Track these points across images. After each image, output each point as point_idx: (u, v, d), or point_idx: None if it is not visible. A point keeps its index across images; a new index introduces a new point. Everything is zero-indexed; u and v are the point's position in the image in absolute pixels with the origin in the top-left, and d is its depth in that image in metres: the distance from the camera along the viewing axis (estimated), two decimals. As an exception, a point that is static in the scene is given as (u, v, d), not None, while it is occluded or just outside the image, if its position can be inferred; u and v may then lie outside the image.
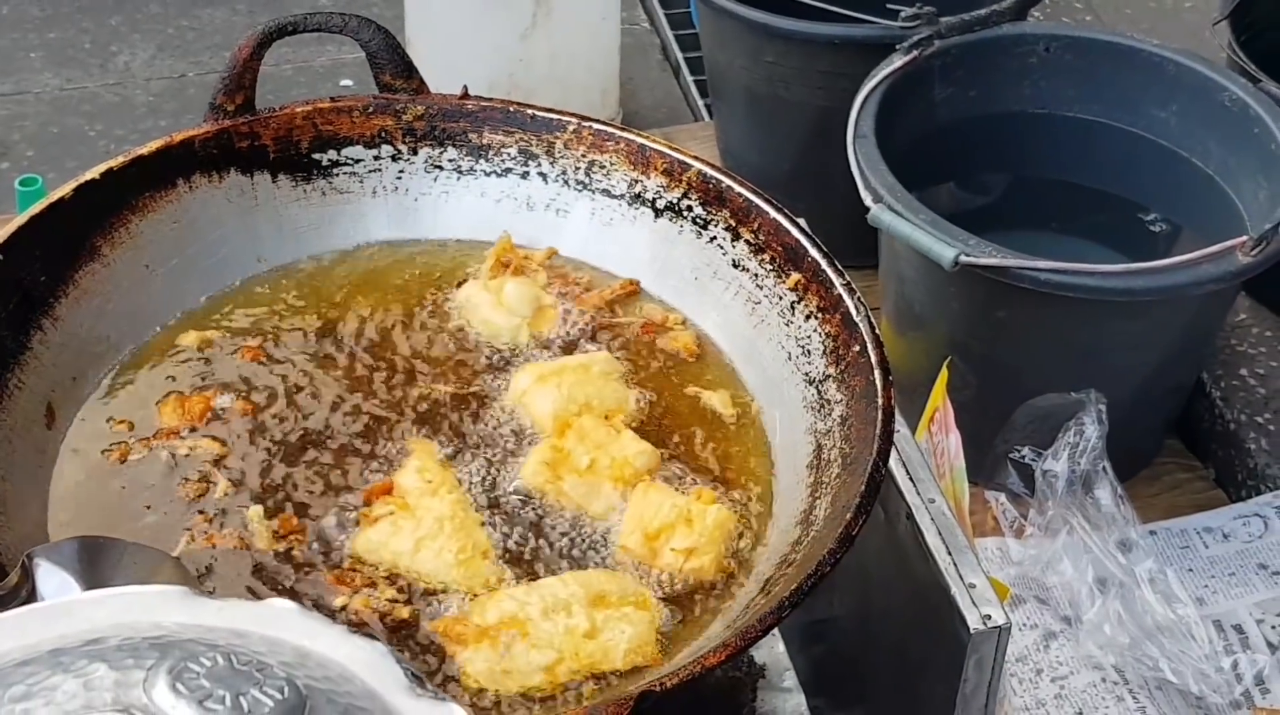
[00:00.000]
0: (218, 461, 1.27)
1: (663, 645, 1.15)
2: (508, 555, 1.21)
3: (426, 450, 1.27)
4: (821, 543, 1.13)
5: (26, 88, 2.86)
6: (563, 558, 1.21)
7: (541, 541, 1.22)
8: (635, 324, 1.39)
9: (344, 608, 1.16)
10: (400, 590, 1.18)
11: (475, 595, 1.17)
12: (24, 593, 0.81)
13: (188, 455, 1.27)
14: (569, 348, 1.37)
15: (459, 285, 1.42)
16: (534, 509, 1.24)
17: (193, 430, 1.29)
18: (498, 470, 1.27)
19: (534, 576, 1.19)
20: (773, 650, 1.45)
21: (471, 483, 1.26)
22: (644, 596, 1.17)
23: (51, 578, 0.82)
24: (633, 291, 1.41)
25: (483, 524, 1.22)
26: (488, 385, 1.34)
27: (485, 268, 1.41)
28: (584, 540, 1.23)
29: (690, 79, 2.97)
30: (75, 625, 0.55)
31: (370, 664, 0.55)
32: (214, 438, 1.29)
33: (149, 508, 1.23)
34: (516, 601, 1.15)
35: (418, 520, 1.20)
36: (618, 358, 1.36)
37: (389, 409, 1.32)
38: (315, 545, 1.21)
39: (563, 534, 1.23)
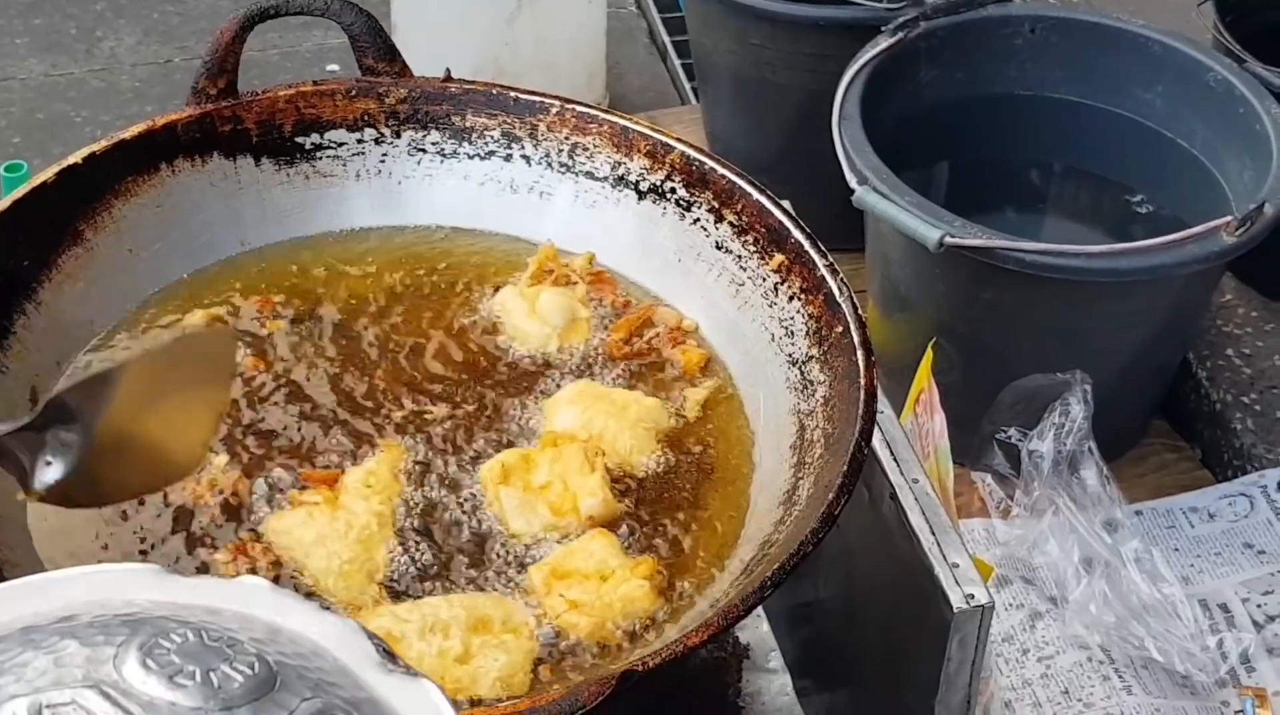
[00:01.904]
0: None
1: (553, 673, 1.13)
2: (404, 579, 1.19)
3: (392, 455, 1.27)
4: (804, 522, 1.14)
5: (11, 74, 2.85)
6: (465, 573, 1.19)
7: (457, 558, 1.21)
8: (661, 333, 1.38)
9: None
10: (279, 581, 1.17)
11: (350, 609, 1.16)
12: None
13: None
14: (586, 364, 1.36)
15: (496, 290, 1.41)
16: (470, 527, 1.23)
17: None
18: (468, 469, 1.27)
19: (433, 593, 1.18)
20: (758, 630, 1.45)
21: (421, 499, 1.24)
22: (526, 626, 1.15)
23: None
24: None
25: (399, 544, 1.20)
26: (502, 393, 1.33)
27: (526, 275, 1.40)
28: (502, 559, 1.21)
29: (678, 62, 2.97)
30: (49, 603, 0.55)
31: (342, 640, 0.55)
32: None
33: None
34: (395, 618, 1.14)
35: (332, 518, 1.20)
36: (662, 402, 1.32)
37: (386, 405, 1.32)
38: (243, 509, 1.22)
39: (489, 550, 1.21)
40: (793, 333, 1.31)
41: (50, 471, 0.98)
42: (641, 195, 1.42)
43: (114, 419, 1.00)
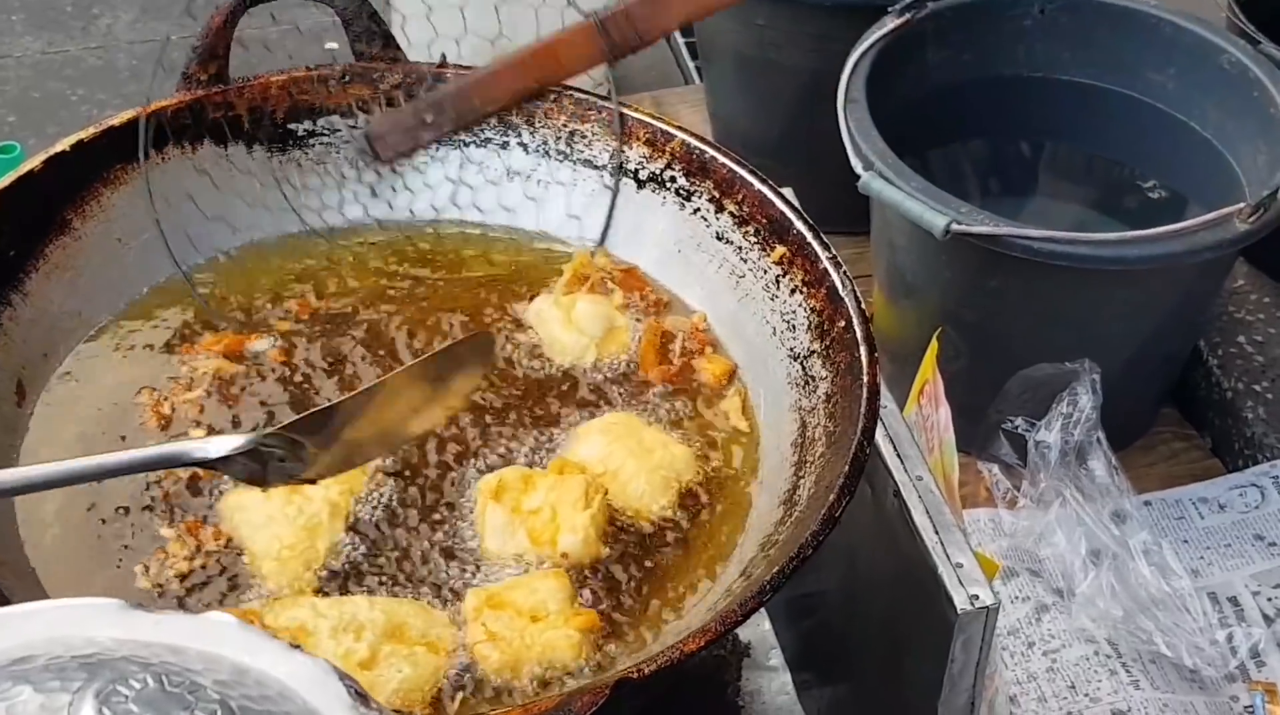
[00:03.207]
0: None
1: (455, 700, 1.10)
2: (342, 573, 1.16)
3: None
4: (804, 524, 1.11)
5: (7, 52, 2.82)
6: (411, 578, 1.17)
7: (408, 562, 1.18)
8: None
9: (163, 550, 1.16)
10: (222, 563, 1.16)
11: (272, 596, 1.14)
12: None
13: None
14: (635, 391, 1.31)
15: (531, 299, 1.37)
16: (444, 532, 1.20)
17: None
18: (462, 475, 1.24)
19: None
20: (758, 628, 1.43)
21: (390, 497, 1.21)
22: (444, 644, 1.11)
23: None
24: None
25: (349, 537, 1.18)
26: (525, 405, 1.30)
27: (561, 282, 1.36)
28: (458, 573, 1.17)
29: (681, 41, 2.93)
30: (6, 639, 0.53)
31: (312, 680, 0.52)
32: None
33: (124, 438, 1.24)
34: (312, 611, 1.11)
35: (286, 502, 1.17)
36: (693, 454, 1.26)
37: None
38: (207, 485, 1.21)
39: (449, 562, 1.18)
40: (794, 327, 1.28)
41: (285, 472, 1.03)
42: (641, 184, 1.39)
43: (361, 427, 1.04)
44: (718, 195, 1.35)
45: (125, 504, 1.19)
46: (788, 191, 1.35)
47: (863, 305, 1.24)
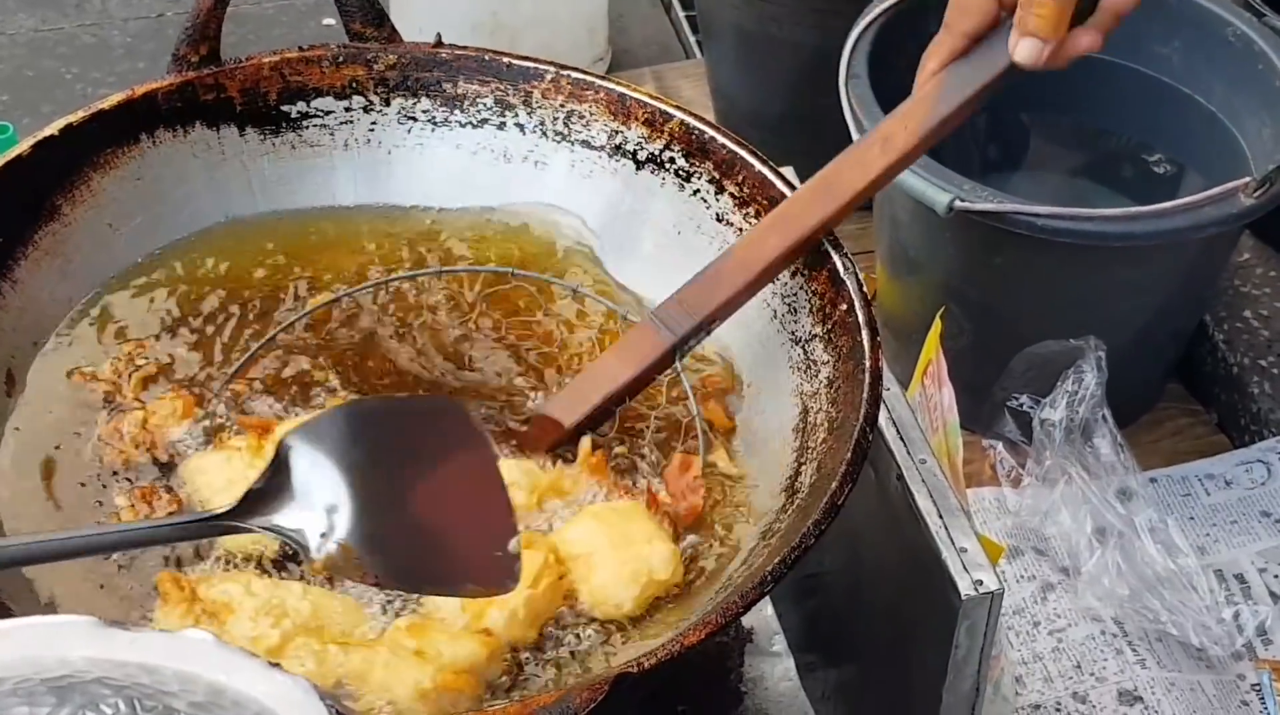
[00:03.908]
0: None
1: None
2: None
3: None
4: (806, 513, 1.10)
5: (1, 30, 2.79)
6: None
7: None
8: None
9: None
10: None
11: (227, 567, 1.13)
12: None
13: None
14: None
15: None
16: None
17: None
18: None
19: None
20: (761, 614, 1.42)
21: None
22: (357, 647, 1.07)
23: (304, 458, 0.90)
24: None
25: None
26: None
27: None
28: None
29: (682, 14, 2.91)
30: (-23, 659, 0.51)
31: (291, 701, 0.51)
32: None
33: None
34: (244, 590, 1.08)
35: (248, 465, 1.15)
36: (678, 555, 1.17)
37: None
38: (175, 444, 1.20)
39: None
40: (795, 310, 1.26)
41: (327, 544, 0.95)
42: (640, 165, 1.37)
43: (382, 491, 0.97)
44: (718, 176, 1.33)
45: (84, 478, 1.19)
46: (788, 171, 1.33)
47: (865, 288, 1.22)
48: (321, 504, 0.94)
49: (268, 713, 0.50)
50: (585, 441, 1.20)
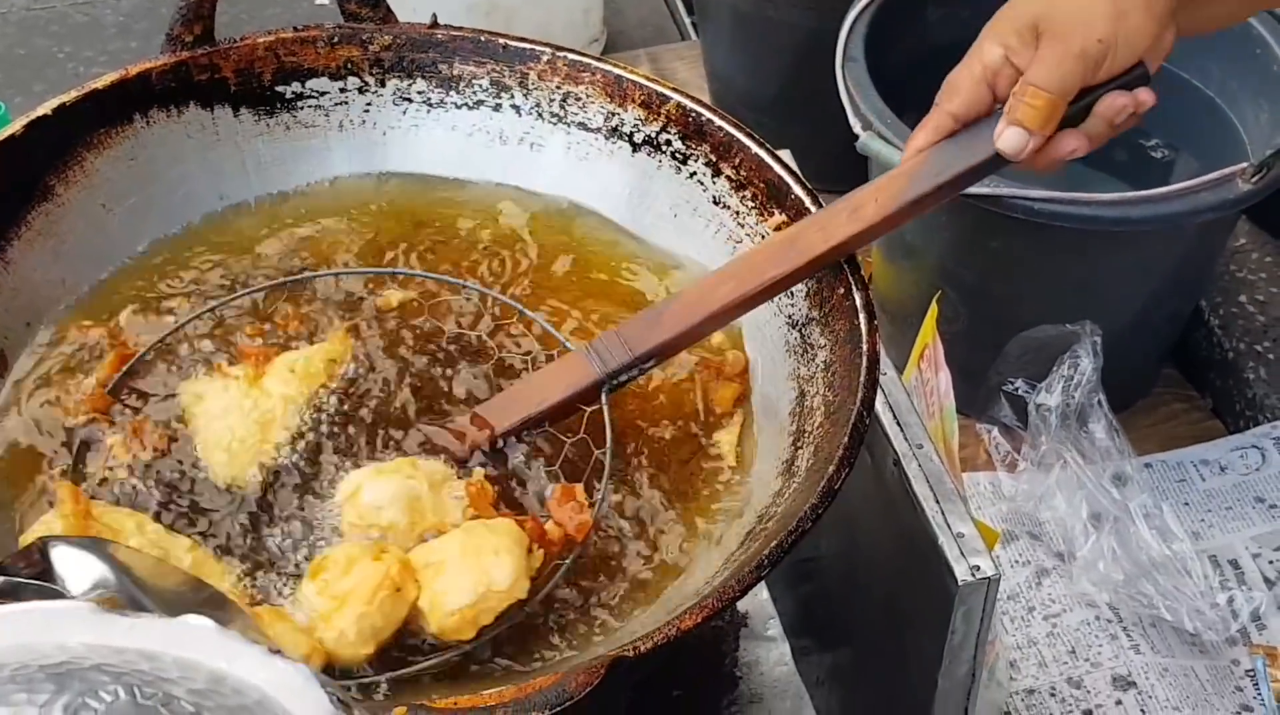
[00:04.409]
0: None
1: None
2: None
3: (334, 347, 1.22)
4: (803, 496, 1.09)
5: (-8, 9, 2.78)
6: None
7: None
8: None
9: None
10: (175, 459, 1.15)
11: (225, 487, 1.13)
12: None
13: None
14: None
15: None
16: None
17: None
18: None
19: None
20: (756, 598, 1.42)
21: (341, 407, 1.19)
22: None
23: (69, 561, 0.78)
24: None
25: (291, 440, 1.16)
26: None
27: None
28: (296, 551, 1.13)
29: (677, -5, 2.90)
30: (-29, 645, 0.50)
31: (292, 689, 0.50)
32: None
33: None
34: (135, 526, 1.08)
35: (244, 394, 1.15)
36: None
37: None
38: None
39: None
40: (792, 293, 1.26)
41: None
42: (636, 147, 1.36)
43: None
44: (714, 158, 1.32)
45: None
46: (785, 154, 1.33)
47: (862, 272, 1.22)
48: None
49: (268, 700, 0.50)
50: (478, 471, 1.16)
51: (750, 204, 1.30)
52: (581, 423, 1.20)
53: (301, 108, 1.39)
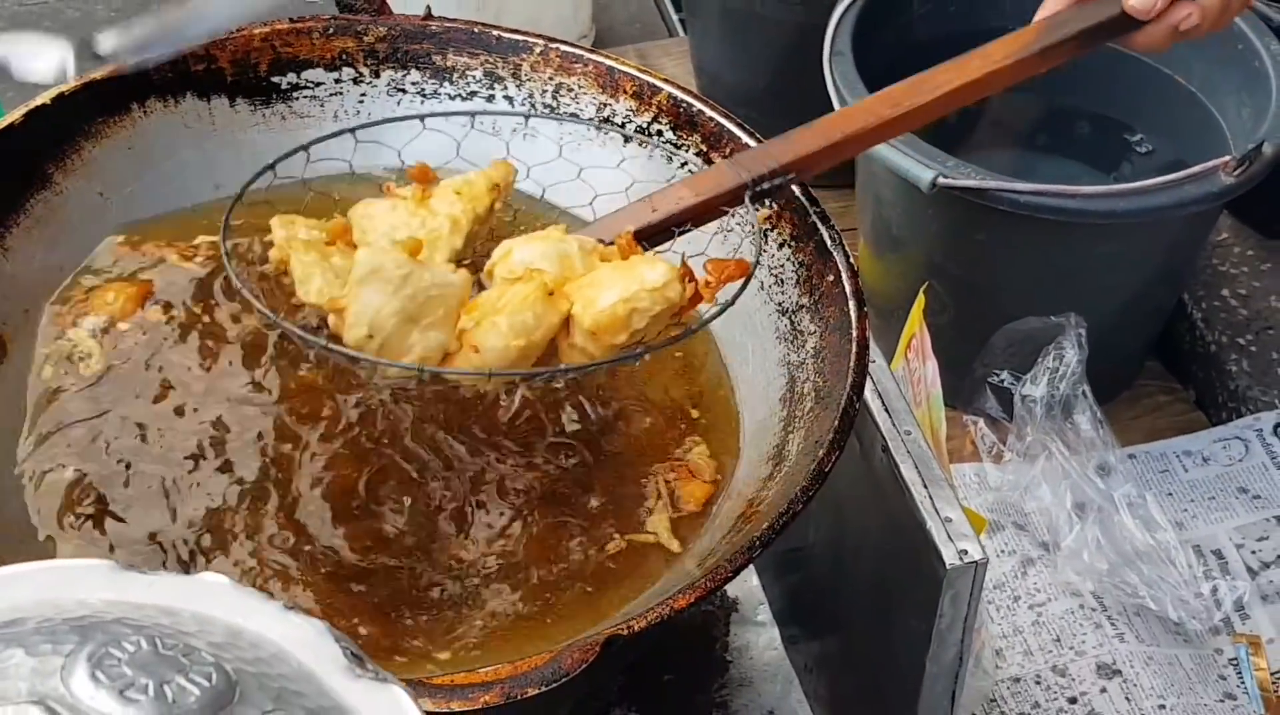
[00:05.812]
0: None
1: None
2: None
3: (499, 171, 1.24)
4: (793, 480, 1.11)
5: (-16, 3, 2.79)
6: None
7: None
8: None
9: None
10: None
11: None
12: None
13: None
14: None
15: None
16: None
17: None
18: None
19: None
20: (746, 584, 1.43)
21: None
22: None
23: None
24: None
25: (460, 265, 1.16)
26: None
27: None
28: None
29: (665, -8, 2.91)
30: (-6, 602, 0.52)
31: (307, 643, 0.52)
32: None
33: None
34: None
35: (411, 213, 1.18)
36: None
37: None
38: None
39: None
40: (782, 281, 1.28)
41: None
42: (628, 138, 1.38)
43: None
44: (705, 149, 1.34)
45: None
46: (774, 144, 1.34)
47: (851, 259, 1.23)
48: None
49: (284, 653, 0.51)
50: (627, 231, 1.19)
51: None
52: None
53: (297, 98, 1.41)
